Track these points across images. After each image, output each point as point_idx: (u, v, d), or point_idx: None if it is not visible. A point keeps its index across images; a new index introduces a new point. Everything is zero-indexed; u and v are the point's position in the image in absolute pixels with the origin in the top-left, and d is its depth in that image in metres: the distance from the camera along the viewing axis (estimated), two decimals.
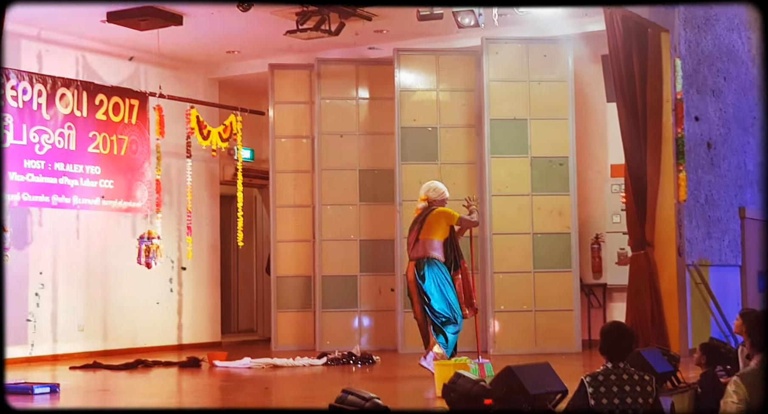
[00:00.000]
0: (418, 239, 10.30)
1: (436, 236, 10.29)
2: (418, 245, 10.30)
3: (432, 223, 10.30)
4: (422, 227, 10.31)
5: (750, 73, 15.11)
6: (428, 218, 10.33)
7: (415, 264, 10.28)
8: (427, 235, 10.28)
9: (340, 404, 5.94)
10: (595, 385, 5.42)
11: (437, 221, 10.30)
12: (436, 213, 10.34)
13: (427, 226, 10.30)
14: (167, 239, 14.09)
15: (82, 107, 12.60)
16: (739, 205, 14.33)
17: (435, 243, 10.29)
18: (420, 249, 10.28)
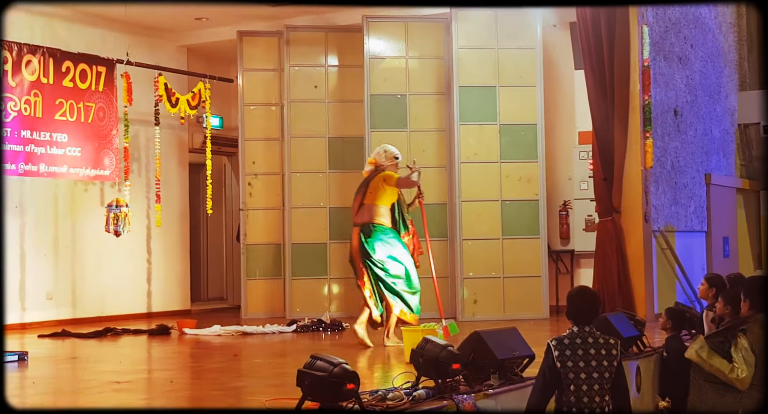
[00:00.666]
0: (363, 204, 10.03)
1: (381, 202, 10.01)
2: (363, 210, 10.01)
3: (377, 188, 9.99)
4: (366, 192, 10.03)
5: (717, 41, 15.19)
6: (371, 183, 10.04)
7: (360, 230, 10.00)
8: (372, 200, 10.00)
9: (309, 369, 5.97)
10: (560, 349, 5.48)
11: (381, 185, 10.00)
12: (379, 176, 10.02)
13: (371, 191, 10.01)
14: (136, 207, 14.06)
15: (48, 74, 12.51)
16: (704, 171, 14.44)
17: (381, 209, 10.01)
18: (365, 214, 9.99)
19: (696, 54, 14.37)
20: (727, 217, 15.14)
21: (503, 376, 7.06)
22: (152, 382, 8.55)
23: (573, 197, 14.05)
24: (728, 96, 15.64)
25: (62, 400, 7.31)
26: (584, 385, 5.42)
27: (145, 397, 7.44)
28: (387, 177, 10.01)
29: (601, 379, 5.44)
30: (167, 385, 8.00)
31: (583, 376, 5.43)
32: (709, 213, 14.38)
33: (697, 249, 14.09)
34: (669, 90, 13.42)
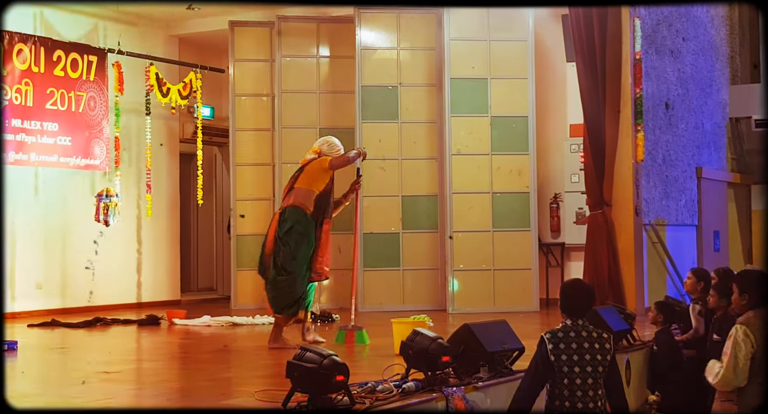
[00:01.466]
0: (293, 188, 9.57)
1: (311, 187, 9.47)
2: (291, 194, 9.54)
3: (310, 172, 9.54)
4: (299, 176, 9.60)
5: (708, 34, 15.20)
6: (306, 168, 9.62)
7: (281, 212, 9.56)
8: (301, 184, 9.51)
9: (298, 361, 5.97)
10: (554, 342, 5.48)
11: (315, 170, 9.54)
12: (315, 161, 9.63)
13: (304, 175, 9.56)
14: (126, 197, 14.04)
15: (39, 63, 12.48)
16: (696, 165, 14.46)
17: (307, 192, 9.47)
18: (291, 198, 9.51)
19: (688, 47, 14.38)
20: (717, 211, 15.17)
21: (493, 369, 7.06)
22: (141, 373, 8.54)
23: (564, 190, 14.05)
24: (720, 89, 15.65)
25: (51, 390, 7.29)
26: (578, 379, 5.43)
27: (134, 388, 7.43)
28: (321, 161, 9.62)
29: (594, 372, 5.44)
30: (156, 375, 7.99)
31: (576, 369, 5.43)
32: (699, 207, 14.41)
33: (687, 243, 14.11)
34: (660, 83, 13.43)
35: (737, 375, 5.92)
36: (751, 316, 6.00)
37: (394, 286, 13.32)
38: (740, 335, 5.93)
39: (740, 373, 5.92)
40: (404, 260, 13.53)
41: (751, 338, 5.87)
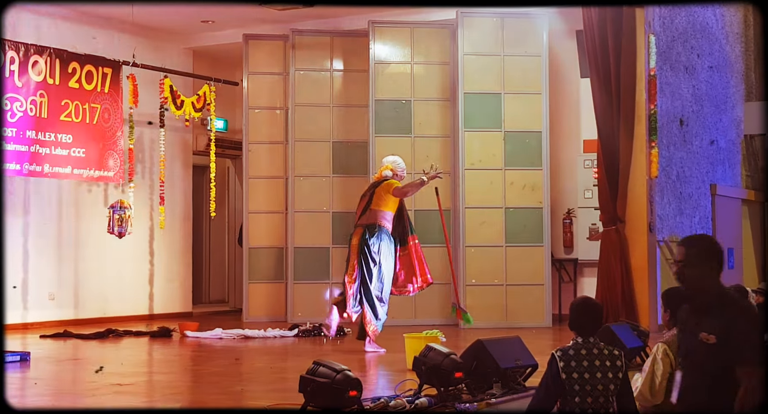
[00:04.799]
0: (370, 208, 10.36)
1: (386, 208, 10.36)
2: (369, 213, 10.34)
3: (381, 194, 10.38)
4: (372, 197, 10.39)
5: (723, 51, 15.17)
6: (378, 189, 10.42)
7: (364, 230, 10.29)
8: (377, 206, 10.34)
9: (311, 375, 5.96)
10: (565, 360, 5.44)
11: (386, 191, 10.38)
12: (385, 184, 10.42)
13: (376, 197, 10.37)
14: (139, 209, 14.06)
15: (54, 75, 12.51)
16: (710, 182, 14.42)
17: (386, 214, 10.35)
18: (371, 216, 10.31)
19: (702, 64, 14.35)
20: (732, 229, 15.11)
21: (506, 385, 7.03)
22: (153, 385, 8.53)
23: (577, 206, 14.02)
24: (734, 106, 15.62)
25: (63, 402, 7.28)
26: (589, 397, 5.39)
27: (146, 400, 7.42)
28: (389, 185, 10.40)
29: (606, 390, 5.40)
30: (168, 388, 7.98)
31: (588, 387, 5.40)
32: (714, 224, 14.36)
33: None
34: (675, 99, 13.40)
35: (653, 393, 5.92)
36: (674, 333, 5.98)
37: (406, 300, 13.28)
38: (660, 353, 5.93)
39: (656, 392, 5.91)
40: None
41: (670, 357, 5.89)
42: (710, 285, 4.81)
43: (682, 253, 4.84)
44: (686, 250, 4.83)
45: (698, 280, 4.80)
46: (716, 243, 4.91)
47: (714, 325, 4.66)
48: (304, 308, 14.09)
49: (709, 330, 4.66)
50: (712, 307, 4.75)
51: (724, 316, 4.66)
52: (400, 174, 10.62)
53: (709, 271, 4.78)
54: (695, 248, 4.83)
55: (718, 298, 4.77)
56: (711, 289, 4.80)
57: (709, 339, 4.64)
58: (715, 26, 14.83)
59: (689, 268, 4.79)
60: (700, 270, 4.78)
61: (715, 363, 4.62)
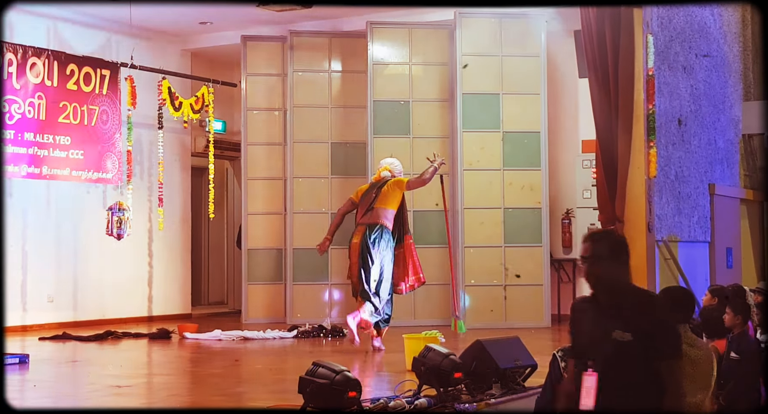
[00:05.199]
0: (373, 208, 10.48)
1: (391, 206, 10.51)
2: (373, 212, 10.47)
3: (388, 193, 10.51)
4: (378, 196, 10.52)
5: (721, 50, 15.16)
6: (384, 188, 10.55)
7: (366, 229, 10.41)
8: (383, 204, 10.48)
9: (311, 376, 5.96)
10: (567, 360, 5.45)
11: (393, 190, 10.53)
12: (392, 182, 10.59)
13: (383, 196, 10.50)
14: (138, 210, 14.05)
15: (52, 77, 12.51)
16: (708, 181, 14.40)
17: (389, 212, 10.50)
18: (374, 215, 10.44)
19: (701, 63, 14.34)
20: (730, 228, 15.10)
21: (505, 386, 7.03)
22: (152, 387, 8.53)
23: (576, 206, 14.02)
24: (733, 106, 15.61)
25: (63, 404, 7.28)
26: None
27: (145, 402, 7.42)
28: (399, 182, 10.60)
29: None
30: (167, 389, 7.97)
31: None
32: (712, 223, 14.34)
33: (700, 259, 14.04)
34: (673, 99, 13.39)
35: None
36: None
37: (404, 301, 13.28)
38: None
39: None
40: None
41: None
42: (622, 281, 4.61)
43: (590, 249, 4.61)
44: (594, 245, 4.61)
45: (609, 277, 4.59)
46: (623, 237, 4.79)
47: (627, 323, 4.46)
48: (303, 309, 14.09)
49: (624, 327, 4.44)
50: (624, 304, 4.54)
51: (639, 311, 4.49)
52: (397, 175, 10.74)
53: (619, 266, 4.60)
54: (604, 242, 4.63)
55: (630, 293, 4.60)
56: (623, 285, 4.61)
57: (624, 337, 4.43)
58: (713, 26, 14.82)
59: (599, 264, 4.57)
60: (607, 266, 4.57)
61: (634, 361, 4.42)
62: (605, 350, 4.45)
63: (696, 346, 5.98)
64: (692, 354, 5.93)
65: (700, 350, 5.99)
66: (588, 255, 4.59)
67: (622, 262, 4.60)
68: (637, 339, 4.40)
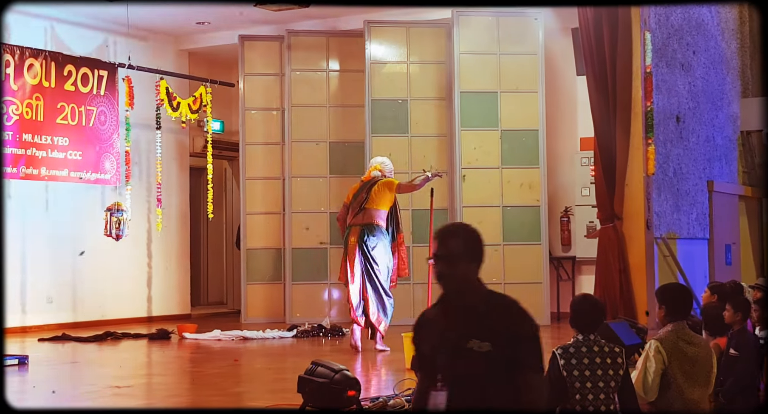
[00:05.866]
0: (365, 208, 10.40)
1: (382, 206, 10.42)
2: (365, 213, 10.39)
3: (378, 193, 10.42)
4: (368, 197, 10.43)
5: (719, 47, 15.17)
6: (374, 188, 10.45)
7: (362, 229, 10.34)
8: (374, 205, 10.39)
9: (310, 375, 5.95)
10: (566, 357, 5.44)
11: (383, 191, 10.42)
12: (382, 183, 10.47)
13: (373, 196, 10.41)
14: (136, 211, 14.04)
15: (50, 78, 12.50)
16: (707, 178, 14.42)
17: (382, 213, 10.42)
18: (367, 216, 10.37)
19: (699, 60, 14.35)
20: (729, 225, 15.11)
21: None
22: (152, 387, 8.53)
23: (574, 203, 14.02)
24: (731, 103, 15.62)
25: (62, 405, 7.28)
26: (590, 394, 5.39)
27: (144, 402, 7.41)
28: (389, 183, 10.46)
29: (607, 387, 5.41)
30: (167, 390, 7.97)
31: (589, 384, 5.39)
32: (711, 220, 14.36)
33: (699, 256, 14.06)
34: (671, 96, 13.40)
35: (646, 390, 5.89)
36: (668, 330, 5.97)
37: (404, 299, 13.27)
38: (652, 351, 5.90)
39: (649, 389, 5.89)
40: (414, 274, 13.47)
41: (663, 354, 5.84)
42: (476, 283, 3.98)
43: (444, 247, 3.93)
44: (450, 241, 3.94)
45: (463, 278, 3.94)
46: (479, 232, 4.01)
47: (485, 331, 3.84)
48: (302, 309, 14.08)
49: (482, 336, 3.82)
50: (483, 309, 3.91)
51: (498, 318, 3.86)
52: (388, 175, 10.66)
53: (477, 266, 3.95)
54: (461, 238, 3.95)
55: (489, 298, 3.95)
56: (478, 288, 3.97)
57: (482, 347, 3.80)
58: (710, 23, 14.83)
59: (455, 264, 3.90)
60: (464, 266, 3.92)
61: (493, 373, 3.81)
62: (459, 362, 3.84)
63: (694, 344, 5.98)
64: (690, 352, 5.93)
65: (698, 348, 5.99)
66: (442, 253, 3.93)
67: (479, 262, 3.96)
68: (496, 349, 3.80)
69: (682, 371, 5.88)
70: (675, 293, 6.15)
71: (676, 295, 6.13)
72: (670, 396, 5.85)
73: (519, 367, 3.80)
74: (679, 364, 5.86)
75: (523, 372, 3.80)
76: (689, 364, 5.91)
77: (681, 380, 5.86)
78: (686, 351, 5.92)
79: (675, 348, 5.88)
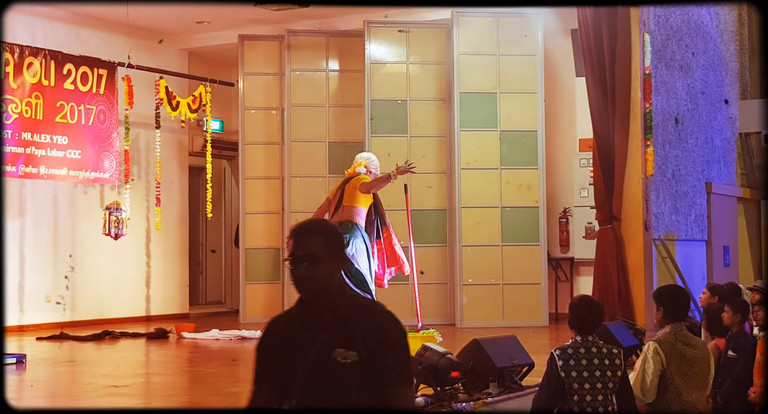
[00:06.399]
0: (342, 206, 9.95)
1: (359, 204, 9.93)
2: (342, 210, 9.93)
3: (352, 190, 9.94)
4: (344, 194, 9.99)
5: (718, 49, 15.18)
6: (347, 186, 10.01)
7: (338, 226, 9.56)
8: (349, 202, 9.92)
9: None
10: (564, 359, 5.45)
11: (355, 187, 9.93)
12: (355, 180, 10.00)
13: (347, 193, 9.96)
14: (135, 210, 14.05)
15: (49, 76, 12.51)
16: (705, 180, 14.43)
17: (359, 210, 9.93)
18: (344, 213, 9.88)
19: (697, 62, 14.36)
20: (727, 226, 15.12)
21: (502, 385, 7.04)
22: (150, 386, 8.53)
23: (573, 204, 14.03)
24: (730, 104, 15.63)
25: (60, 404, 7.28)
26: (588, 396, 5.40)
27: (142, 402, 7.42)
28: (359, 180, 10.00)
29: (605, 389, 5.42)
30: (165, 389, 7.97)
31: (587, 386, 5.41)
32: (709, 222, 14.36)
33: (697, 258, 14.07)
34: (670, 98, 13.41)
35: (644, 392, 5.91)
36: (666, 332, 5.99)
37: (402, 300, 13.28)
38: (650, 352, 5.92)
39: (648, 391, 5.90)
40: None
41: (661, 356, 5.86)
42: (339, 286, 3.57)
43: (302, 246, 3.49)
44: (307, 241, 3.50)
45: (326, 281, 3.51)
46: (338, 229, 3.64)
47: (352, 339, 3.44)
48: None
49: (346, 345, 3.43)
50: (347, 315, 3.51)
51: (366, 325, 3.48)
52: (374, 171, 10.26)
53: (337, 267, 3.54)
54: (319, 237, 3.51)
55: (352, 302, 3.57)
56: (341, 292, 3.57)
57: (348, 357, 3.41)
58: (709, 25, 14.84)
59: (316, 265, 3.48)
60: (327, 267, 3.50)
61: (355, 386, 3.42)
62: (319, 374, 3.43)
63: (692, 345, 6.00)
64: (688, 353, 5.94)
65: (696, 349, 6.01)
66: (301, 253, 3.49)
67: (341, 263, 3.57)
68: (363, 360, 3.41)
69: (680, 373, 5.89)
70: (673, 295, 6.17)
71: (674, 296, 6.14)
72: (668, 397, 5.87)
73: (386, 379, 3.42)
74: (677, 365, 5.88)
75: (391, 384, 3.42)
76: (687, 366, 5.92)
77: (679, 382, 5.88)
78: (684, 352, 5.93)
79: (673, 349, 5.90)
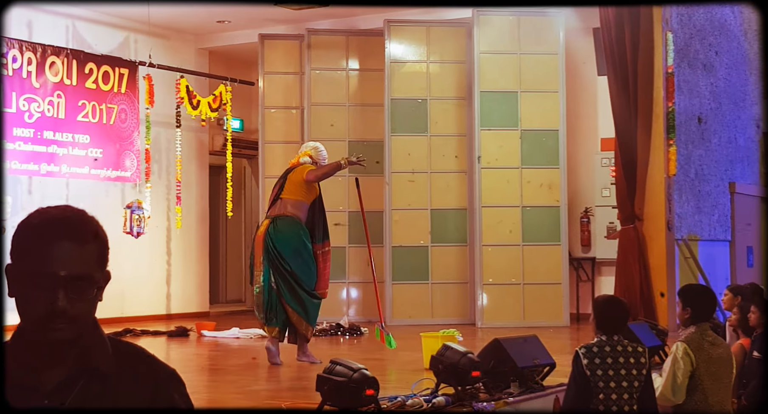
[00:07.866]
0: (280, 198, 9.20)
1: (299, 197, 9.20)
2: (280, 203, 9.18)
3: (293, 181, 9.22)
4: (284, 186, 9.25)
5: (741, 48, 15.08)
6: (290, 175, 9.31)
7: (271, 222, 9.11)
8: (288, 194, 9.19)
9: (328, 374, 5.94)
10: (589, 357, 5.42)
11: (299, 177, 9.22)
12: (298, 169, 9.30)
13: (289, 184, 9.22)
14: (156, 209, 14.07)
15: (71, 75, 12.54)
16: (729, 180, 14.34)
17: (299, 204, 9.19)
18: (281, 207, 9.15)
19: (721, 61, 14.27)
20: (751, 227, 15.02)
21: (523, 385, 7.00)
22: None
23: (594, 204, 13.97)
24: (753, 104, 15.53)
25: None
26: (613, 394, 5.36)
27: None
28: (302, 169, 9.32)
29: (630, 387, 5.38)
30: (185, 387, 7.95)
31: (612, 384, 5.37)
32: (733, 222, 14.27)
33: (720, 258, 13.98)
34: (693, 97, 13.33)
35: (675, 393, 5.86)
36: (692, 332, 5.94)
37: (422, 300, 13.27)
38: (680, 352, 5.87)
39: (678, 391, 5.85)
40: (433, 274, 13.48)
41: (691, 356, 5.82)
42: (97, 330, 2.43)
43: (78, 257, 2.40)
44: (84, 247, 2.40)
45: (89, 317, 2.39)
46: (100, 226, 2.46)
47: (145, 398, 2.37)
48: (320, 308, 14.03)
49: None
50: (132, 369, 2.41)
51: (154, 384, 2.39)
52: (321, 162, 9.52)
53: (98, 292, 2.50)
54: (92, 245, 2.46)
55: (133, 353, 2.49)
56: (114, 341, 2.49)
57: None
58: (733, 23, 14.74)
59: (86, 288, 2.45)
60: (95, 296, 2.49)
61: None
62: None
63: (717, 345, 5.95)
64: (714, 354, 5.90)
65: (722, 349, 5.96)
66: None
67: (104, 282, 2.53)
68: None
69: (708, 373, 5.85)
70: (701, 295, 6.13)
71: (702, 297, 6.10)
72: (696, 398, 5.83)
73: None
74: (706, 365, 5.84)
75: None
76: (715, 366, 5.88)
77: (707, 382, 5.83)
78: (711, 353, 5.89)
79: (701, 349, 5.86)
